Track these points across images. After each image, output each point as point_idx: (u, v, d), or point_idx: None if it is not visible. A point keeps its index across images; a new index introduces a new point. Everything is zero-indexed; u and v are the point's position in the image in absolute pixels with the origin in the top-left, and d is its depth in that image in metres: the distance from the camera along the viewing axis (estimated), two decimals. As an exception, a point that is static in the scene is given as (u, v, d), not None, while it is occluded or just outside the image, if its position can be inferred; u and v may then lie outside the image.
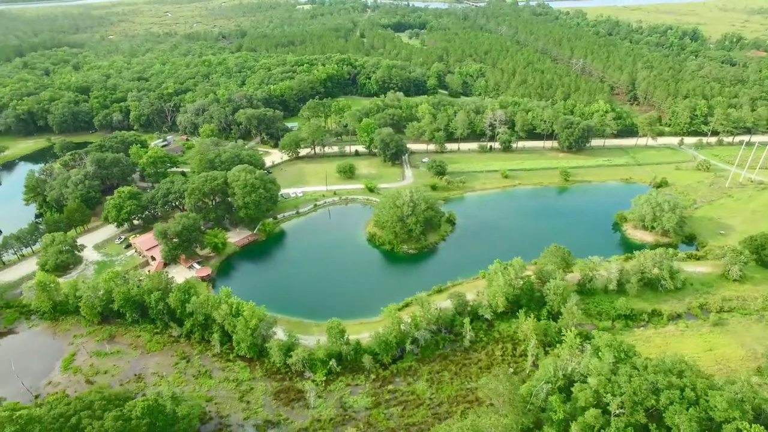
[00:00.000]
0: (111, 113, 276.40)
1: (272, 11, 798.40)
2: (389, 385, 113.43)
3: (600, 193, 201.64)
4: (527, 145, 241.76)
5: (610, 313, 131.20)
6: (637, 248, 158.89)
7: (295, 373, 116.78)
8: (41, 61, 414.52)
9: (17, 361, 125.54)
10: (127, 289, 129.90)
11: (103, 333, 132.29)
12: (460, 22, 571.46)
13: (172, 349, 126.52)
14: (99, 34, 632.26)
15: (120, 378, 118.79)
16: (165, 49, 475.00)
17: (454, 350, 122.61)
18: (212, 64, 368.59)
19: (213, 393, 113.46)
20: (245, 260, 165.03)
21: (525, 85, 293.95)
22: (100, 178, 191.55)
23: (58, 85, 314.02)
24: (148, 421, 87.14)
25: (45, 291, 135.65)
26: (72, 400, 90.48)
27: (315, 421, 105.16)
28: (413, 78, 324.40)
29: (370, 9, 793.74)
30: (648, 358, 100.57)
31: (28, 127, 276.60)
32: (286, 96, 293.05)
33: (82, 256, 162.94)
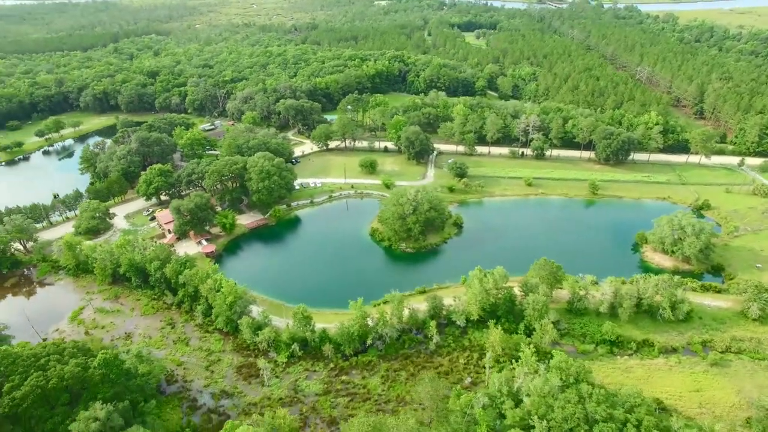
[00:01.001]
0: (170, 96, 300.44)
1: (349, 6, 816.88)
2: (345, 375, 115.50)
3: (629, 210, 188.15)
4: (562, 154, 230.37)
5: (595, 337, 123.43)
6: (653, 273, 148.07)
7: (261, 352, 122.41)
8: (129, 47, 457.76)
9: (40, 306, 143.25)
10: (132, 256, 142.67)
11: (110, 293, 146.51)
12: (532, 24, 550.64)
13: (162, 315, 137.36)
14: (186, 23, 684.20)
15: (112, 334, 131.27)
16: (238, 39, 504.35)
17: (419, 352, 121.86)
18: (273, 54, 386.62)
19: (185, 359, 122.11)
20: (251, 242, 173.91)
21: (576, 92, 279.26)
22: (142, 155, 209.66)
23: (133, 69, 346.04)
24: (103, 372, 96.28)
25: (70, 250, 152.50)
26: (48, 344, 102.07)
27: (265, 398, 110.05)
28: (462, 78, 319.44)
29: (446, 7, 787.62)
30: (602, 386, 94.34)
31: (102, 105, 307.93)
32: (331, 89, 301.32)
33: (113, 223, 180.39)
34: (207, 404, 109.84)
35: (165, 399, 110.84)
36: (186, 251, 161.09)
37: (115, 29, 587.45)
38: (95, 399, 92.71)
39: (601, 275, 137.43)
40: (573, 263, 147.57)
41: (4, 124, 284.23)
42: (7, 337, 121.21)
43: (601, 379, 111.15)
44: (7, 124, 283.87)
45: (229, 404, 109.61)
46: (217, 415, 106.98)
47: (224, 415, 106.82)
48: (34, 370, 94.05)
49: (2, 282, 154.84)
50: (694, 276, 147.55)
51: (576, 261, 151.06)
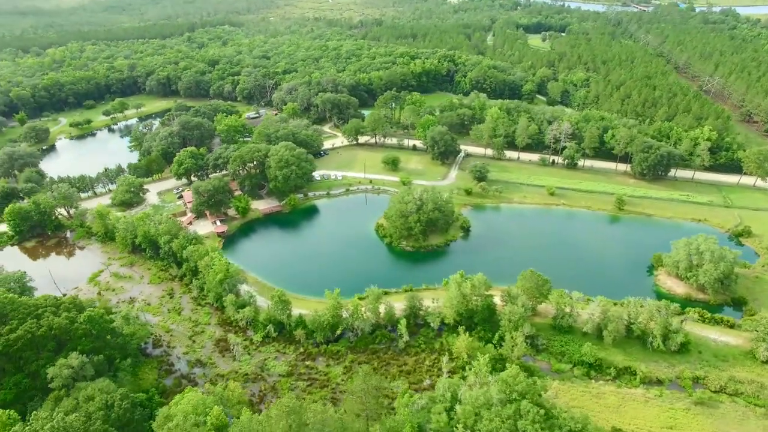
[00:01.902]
0: (224, 84, 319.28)
1: (420, 3, 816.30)
2: (311, 361, 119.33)
3: (656, 230, 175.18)
4: (596, 165, 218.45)
5: (573, 357, 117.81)
6: (663, 298, 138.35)
7: (241, 329, 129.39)
8: (201, 36, 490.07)
9: (69, 266, 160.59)
10: (147, 228, 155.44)
11: (127, 260, 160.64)
12: (604, 27, 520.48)
13: (165, 285, 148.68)
14: (261, 16, 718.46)
15: (120, 297, 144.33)
16: (303, 32, 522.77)
17: (389, 349, 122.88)
18: (329, 49, 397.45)
19: (174, 327, 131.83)
20: (262, 226, 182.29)
21: (627, 101, 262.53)
22: (183, 137, 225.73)
23: (197, 58, 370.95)
24: (87, 327, 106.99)
25: (100, 219, 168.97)
26: (49, 297, 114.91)
27: (233, 372, 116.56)
28: (509, 81, 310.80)
29: (521, 7, 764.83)
30: (544, 406, 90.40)
31: (164, 89, 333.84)
32: (374, 85, 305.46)
33: (145, 198, 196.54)
34: (181, 370, 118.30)
35: (147, 360, 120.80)
36: (202, 229, 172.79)
37: (195, 19, 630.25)
38: (76, 350, 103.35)
39: (608, 296, 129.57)
40: (578, 280, 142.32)
41: (82, 103, 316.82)
42: (30, 288, 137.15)
43: (567, 401, 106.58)
44: (84, 103, 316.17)
45: (200, 372, 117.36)
46: (187, 381, 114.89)
47: (193, 381, 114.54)
48: (30, 317, 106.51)
49: (45, 241, 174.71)
50: (709, 307, 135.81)
51: (582, 278, 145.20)
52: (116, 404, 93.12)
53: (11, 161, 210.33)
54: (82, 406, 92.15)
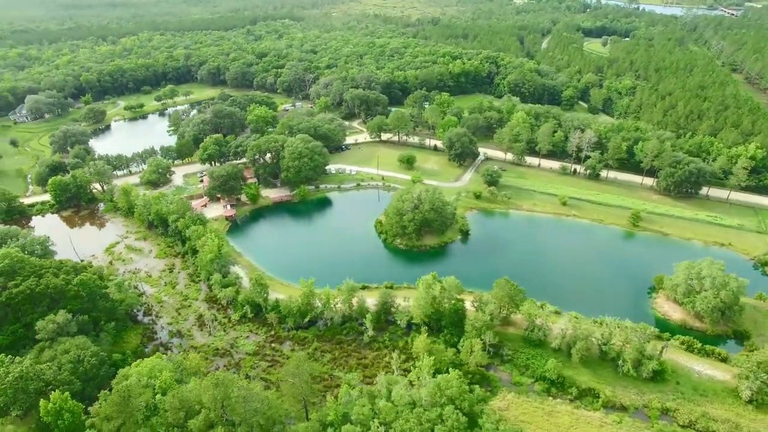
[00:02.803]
0: (267, 76, 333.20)
1: (484, 3, 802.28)
2: (278, 344, 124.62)
3: (670, 250, 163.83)
4: (620, 177, 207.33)
5: (536, 371, 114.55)
6: (658, 322, 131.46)
7: (223, 307, 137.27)
8: (260, 29, 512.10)
9: (93, 234, 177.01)
10: (160, 207, 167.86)
11: (141, 234, 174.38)
12: (674, 33, 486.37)
13: (168, 261, 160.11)
14: (324, 11, 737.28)
15: (127, 267, 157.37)
16: (358, 28, 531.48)
17: (354, 341, 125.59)
18: (375, 45, 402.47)
19: (166, 299, 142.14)
20: (269, 213, 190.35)
21: (672, 112, 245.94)
22: (215, 125, 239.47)
23: (249, 50, 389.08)
24: (79, 289, 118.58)
25: (125, 195, 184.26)
26: (53, 261, 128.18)
27: (205, 345, 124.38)
28: (549, 86, 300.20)
29: (590, 9, 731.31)
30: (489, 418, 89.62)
31: (214, 79, 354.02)
32: (409, 83, 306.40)
33: (171, 179, 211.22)
34: (161, 339, 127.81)
35: (134, 326, 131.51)
36: (213, 212, 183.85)
37: (261, 12, 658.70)
38: (66, 308, 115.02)
39: (602, 314, 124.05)
40: (572, 295, 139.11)
41: (140, 88, 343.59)
42: (52, 252, 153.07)
43: (517, 415, 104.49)
44: (141, 89, 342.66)
45: (177, 343, 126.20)
46: (164, 349, 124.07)
47: (169, 350, 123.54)
48: (33, 276, 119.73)
49: (79, 211, 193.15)
50: (704, 337, 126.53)
51: (577, 293, 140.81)
52: (86, 360, 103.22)
53: (65, 138, 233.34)
54: (58, 357, 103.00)
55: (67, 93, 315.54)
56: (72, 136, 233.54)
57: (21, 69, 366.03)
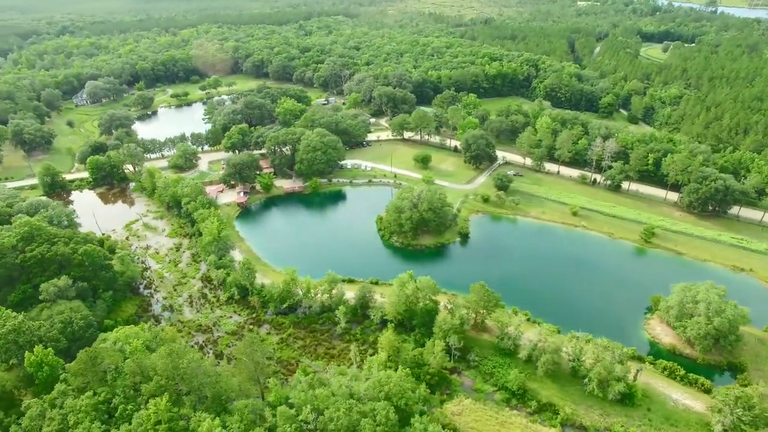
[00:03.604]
0: (306, 71, 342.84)
1: (544, 4, 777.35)
2: (256, 327, 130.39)
3: (680, 271, 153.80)
4: (642, 190, 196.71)
5: (499, 381, 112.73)
6: (649, 345, 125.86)
7: (215, 287, 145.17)
8: (312, 25, 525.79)
9: (117, 211, 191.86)
10: (176, 190, 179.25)
11: (159, 214, 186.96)
12: (749, 38, 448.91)
13: (178, 240, 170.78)
14: (380, 9, 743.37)
15: (140, 243, 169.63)
16: (410, 26, 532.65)
17: (328, 331, 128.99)
18: (418, 44, 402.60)
19: (167, 275, 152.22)
20: (280, 202, 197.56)
21: (715, 124, 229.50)
22: (245, 115, 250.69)
23: (295, 44, 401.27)
24: (83, 259, 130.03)
25: (150, 177, 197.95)
26: (68, 231, 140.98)
27: (191, 321, 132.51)
28: (587, 91, 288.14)
29: (660, 12, 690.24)
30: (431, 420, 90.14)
31: (258, 71, 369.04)
32: (442, 83, 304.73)
33: (197, 165, 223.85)
34: (155, 311, 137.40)
35: (133, 297, 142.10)
36: (228, 198, 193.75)
37: (317, 8, 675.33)
38: (68, 274, 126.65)
39: (591, 332, 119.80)
40: (564, 308, 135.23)
41: (189, 77, 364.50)
42: (76, 224, 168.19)
43: (468, 421, 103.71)
44: (190, 78, 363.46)
45: (167, 316, 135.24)
46: (155, 321, 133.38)
47: (159, 322, 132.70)
48: (46, 243, 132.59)
49: (111, 189, 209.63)
50: (693, 365, 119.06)
51: (569, 307, 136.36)
52: (75, 322, 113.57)
53: (111, 121, 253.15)
54: (53, 317, 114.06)
55: (124, 80, 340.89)
56: (117, 119, 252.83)
57: (89, 57, 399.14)
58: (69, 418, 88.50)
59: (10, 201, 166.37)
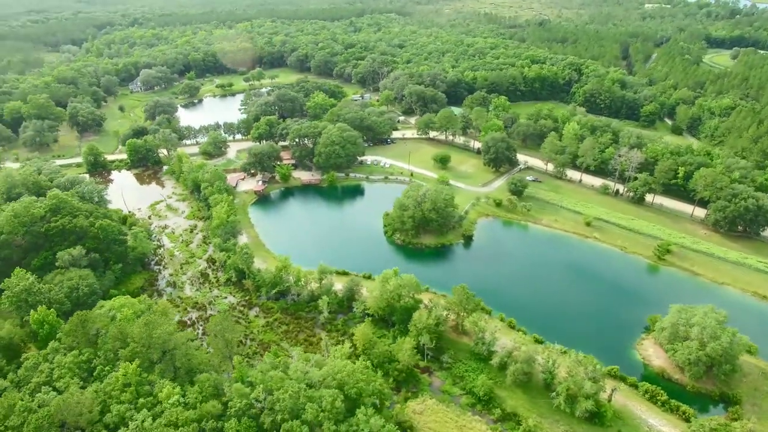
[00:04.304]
0: (346, 67, 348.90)
1: (609, 6, 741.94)
2: (247, 309, 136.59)
3: (691, 292, 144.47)
4: (666, 204, 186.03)
5: (468, 385, 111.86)
6: (635, 366, 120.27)
7: (217, 268, 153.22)
8: (363, 22, 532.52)
9: (146, 191, 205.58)
10: (197, 175, 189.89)
11: (182, 197, 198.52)
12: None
13: (194, 222, 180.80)
14: (436, 8, 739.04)
15: (159, 223, 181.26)
16: (461, 26, 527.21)
17: (312, 319, 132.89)
18: (462, 44, 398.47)
19: (177, 253, 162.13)
20: (296, 193, 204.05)
21: (766, 138, 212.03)
22: (277, 107, 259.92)
23: (340, 41, 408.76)
24: (97, 232, 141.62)
25: (179, 161, 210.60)
26: (90, 206, 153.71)
27: (189, 298, 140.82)
28: (629, 99, 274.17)
29: (740, 16, 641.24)
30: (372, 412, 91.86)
31: (301, 65, 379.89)
32: (477, 84, 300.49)
33: (226, 152, 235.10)
34: (159, 286, 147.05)
35: (143, 272, 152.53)
36: (247, 186, 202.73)
37: (370, 5, 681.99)
38: (83, 245, 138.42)
39: (583, 349, 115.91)
40: (554, 321, 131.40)
41: (237, 69, 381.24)
42: (105, 200, 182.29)
43: (426, 420, 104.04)
44: (238, 70, 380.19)
45: (169, 291, 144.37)
46: (158, 295, 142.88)
47: (161, 296, 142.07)
48: (69, 215, 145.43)
49: (146, 171, 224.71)
50: (683, 392, 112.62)
51: (561, 320, 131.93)
52: (81, 288, 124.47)
53: (155, 108, 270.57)
54: (63, 282, 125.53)
55: (176, 69, 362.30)
56: (160, 106, 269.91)
57: (150, 47, 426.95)
58: (55, 372, 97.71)
59: (52, 176, 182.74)
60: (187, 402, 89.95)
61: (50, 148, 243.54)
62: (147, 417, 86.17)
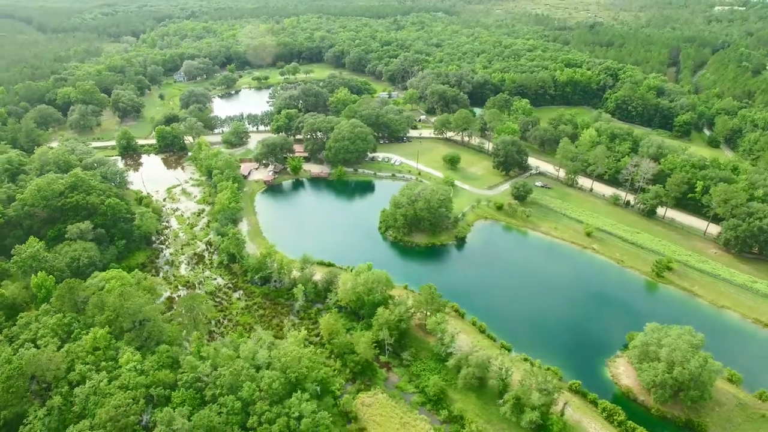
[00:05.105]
0: (378, 64, 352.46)
1: (676, 9, 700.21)
2: (232, 292, 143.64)
3: (686, 314, 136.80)
4: (679, 218, 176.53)
5: (421, 384, 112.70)
6: (607, 385, 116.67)
7: (212, 251, 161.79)
8: (406, 20, 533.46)
9: (166, 175, 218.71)
10: (210, 162, 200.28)
11: (197, 182, 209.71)
12: None
13: (204, 206, 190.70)
14: (486, 8, 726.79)
15: (172, 205, 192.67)
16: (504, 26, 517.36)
17: (289, 306, 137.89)
18: (499, 45, 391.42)
19: (181, 235, 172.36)
20: (305, 185, 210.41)
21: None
22: (302, 101, 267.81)
23: (378, 38, 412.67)
24: (106, 209, 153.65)
25: (199, 149, 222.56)
26: (104, 185, 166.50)
27: (182, 277, 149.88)
28: (663, 107, 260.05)
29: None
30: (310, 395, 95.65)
31: (337, 61, 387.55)
32: (505, 86, 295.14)
33: (247, 143, 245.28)
34: (159, 264, 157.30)
35: (146, 249, 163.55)
36: (259, 175, 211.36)
37: (419, 3, 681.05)
38: (92, 221, 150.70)
39: (557, 363, 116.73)
40: (531, 332, 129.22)
41: (275, 63, 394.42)
42: (126, 181, 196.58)
43: (372, 413, 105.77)
44: (276, 64, 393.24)
45: (165, 269, 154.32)
46: (155, 272, 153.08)
47: (158, 273, 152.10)
48: (84, 192, 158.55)
49: (171, 156, 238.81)
50: (648, 414, 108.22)
51: (538, 332, 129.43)
52: (81, 259, 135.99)
53: (189, 97, 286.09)
54: (66, 252, 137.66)
55: (218, 61, 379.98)
56: (194, 96, 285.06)
57: (199, 39, 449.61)
58: (39, 331, 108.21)
59: (82, 156, 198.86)
60: (144, 369, 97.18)
61: (93, 130, 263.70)
62: (104, 378, 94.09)
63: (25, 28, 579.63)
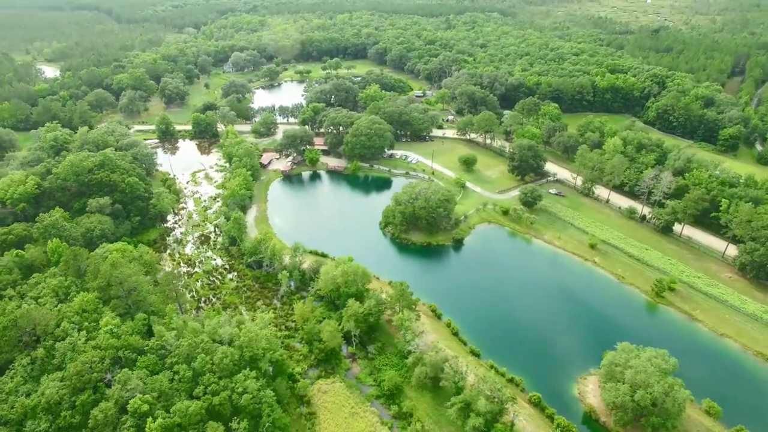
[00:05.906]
0: (417, 63, 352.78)
1: (763, 13, 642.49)
2: (227, 273, 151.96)
3: (680, 339, 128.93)
4: (696, 237, 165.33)
5: (379, 377, 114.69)
6: (572, 404, 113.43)
7: (218, 233, 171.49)
8: (460, 19, 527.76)
9: (195, 160, 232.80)
10: (232, 150, 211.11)
11: (221, 168, 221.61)
12: None
13: (222, 191, 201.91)
14: (547, 9, 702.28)
15: (192, 189, 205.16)
16: (559, 28, 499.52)
17: (275, 290, 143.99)
18: (545, 48, 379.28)
19: (195, 216, 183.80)
20: (320, 177, 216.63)
21: None
22: (332, 95, 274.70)
23: (424, 36, 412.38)
24: (125, 187, 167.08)
25: (227, 136, 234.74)
26: (129, 165, 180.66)
27: (185, 255, 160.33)
28: (709, 119, 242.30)
29: None
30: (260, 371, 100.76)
31: (380, 58, 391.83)
32: (540, 90, 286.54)
33: (275, 133, 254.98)
34: (168, 241, 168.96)
35: (160, 227, 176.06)
36: (278, 165, 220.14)
37: (475, 4, 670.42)
38: (111, 197, 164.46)
39: (529, 374, 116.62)
40: (509, 341, 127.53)
41: (321, 57, 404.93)
42: (155, 164, 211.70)
43: (326, 400, 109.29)
44: (322, 58, 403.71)
45: (173, 247, 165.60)
46: (164, 249, 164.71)
47: (165, 250, 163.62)
48: (109, 171, 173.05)
49: (204, 142, 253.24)
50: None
51: (518, 341, 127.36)
52: (95, 230, 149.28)
53: (230, 87, 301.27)
54: (84, 223, 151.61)
55: (266, 54, 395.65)
56: (234, 86, 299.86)
57: (252, 32, 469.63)
58: (43, 291, 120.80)
59: (119, 138, 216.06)
60: (119, 333, 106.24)
61: (140, 114, 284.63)
62: (83, 337, 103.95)
63: (105, 19, 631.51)
